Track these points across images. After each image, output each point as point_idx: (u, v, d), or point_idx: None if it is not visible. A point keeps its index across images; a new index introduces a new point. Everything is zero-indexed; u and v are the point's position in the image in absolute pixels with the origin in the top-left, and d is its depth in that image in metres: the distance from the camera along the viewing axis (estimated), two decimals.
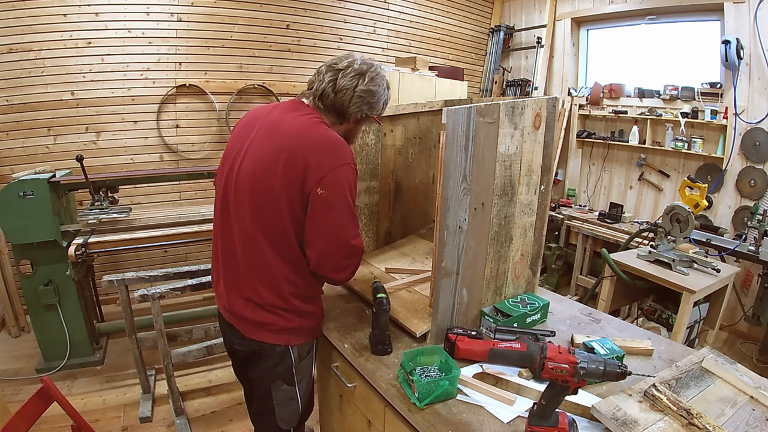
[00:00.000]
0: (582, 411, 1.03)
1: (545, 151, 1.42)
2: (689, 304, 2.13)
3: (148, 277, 2.30)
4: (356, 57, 1.24)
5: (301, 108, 1.25)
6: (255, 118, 1.28)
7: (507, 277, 1.46)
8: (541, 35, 4.56)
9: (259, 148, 1.20)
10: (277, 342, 1.27)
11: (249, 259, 1.22)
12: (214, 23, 3.54)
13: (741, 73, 3.21)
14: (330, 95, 1.21)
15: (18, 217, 2.38)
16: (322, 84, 1.21)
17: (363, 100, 1.23)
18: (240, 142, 1.26)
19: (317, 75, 1.24)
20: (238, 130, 1.31)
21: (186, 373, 2.66)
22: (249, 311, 1.25)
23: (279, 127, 1.21)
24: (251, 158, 1.20)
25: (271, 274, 1.21)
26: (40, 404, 1.30)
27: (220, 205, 1.29)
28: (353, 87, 1.20)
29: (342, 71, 1.21)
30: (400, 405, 1.08)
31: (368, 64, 1.24)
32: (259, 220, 1.19)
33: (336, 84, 1.20)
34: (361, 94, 1.21)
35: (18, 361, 2.76)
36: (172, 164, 3.59)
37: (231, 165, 1.25)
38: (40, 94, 3.09)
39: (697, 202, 2.31)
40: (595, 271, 3.81)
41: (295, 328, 1.28)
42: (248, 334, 1.28)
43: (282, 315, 1.25)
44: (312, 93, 1.25)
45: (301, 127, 1.19)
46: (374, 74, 1.23)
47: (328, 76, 1.21)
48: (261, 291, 1.23)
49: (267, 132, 1.21)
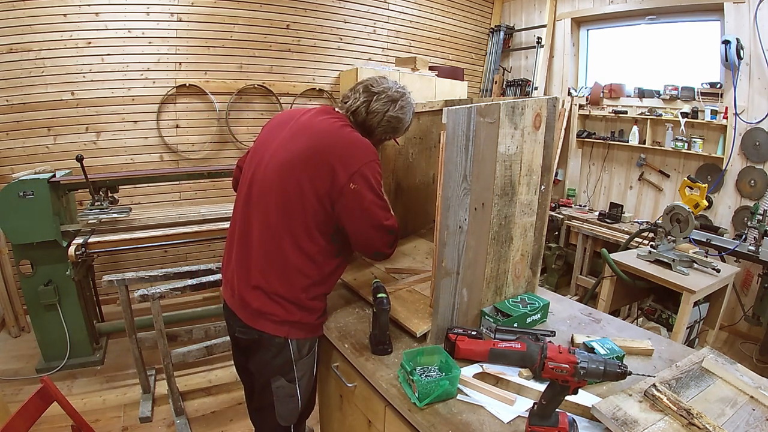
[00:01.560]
0: (582, 411, 1.03)
1: (545, 151, 1.42)
2: (689, 304, 2.13)
3: (148, 277, 2.30)
4: (391, 84, 1.37)
5: (332, 113, 1.36)
6: (287, 118, 1.38)
7: (507, 277, 1.46)
8: (541, 35, 4.56)
9: (290, 144, 1.28)
10: (277, 333, 1.29)
11: (266, 249, 1.27)
12: (214, 23, 3.54)
13: (741, 73, 3.21)
14: (362, 114, 1.34)
15: (18, 217, 2.38)
16: (356, 102, 1.34)
17: (390, 125, 1.36)
18: (271, 138, 1.35)
19: (353, 92, 1.36)
20: (269, 128, 1.42)
21: (186, 373, 2.66)
22: (254, 299, 1.28)
23: (310, 127, 1.30)
24: (282, 153, 1.28)
25: (285, 266, 1.26)
26: (40, 404, 1.30)
27: (244, 196, 1.35)
28: (384, 112, 1.33)
29: (377, 95, 1.33)
30: (401, 405, 1.08)
31: (401, 93, 1.36)
32: (283, 212, 1.25)
33: (369, 106, 1.33)
34: (389, 119, 1.34)
35: (18, 361, 2.76)
36: (172, 164, 3.59)
37: (260, 159, 1.33)
38: (40, 94, 3.09)
39: (697, 202, 2.31)
40: (595, 271, 3.81)
41: (296, 321, 1.30)
42: (249, 323, 1.30)
43: (285, 306, 1.28)
44: (346, 107, 1.36)
45: (331, 128, 1.29)
46: (404, 103, 1.37)
47: (363, 96, 1.34)
48: (271, 280, 1.27)
49: (298, 131, 1.31)
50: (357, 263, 1.73)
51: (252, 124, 3.82)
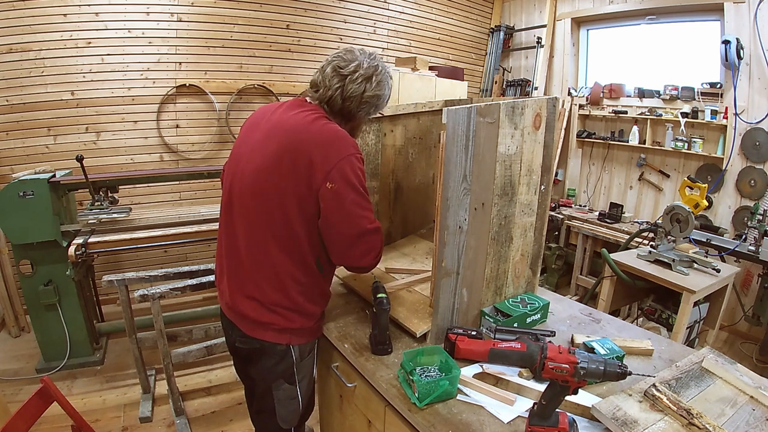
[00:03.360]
0: (582, 411, 1.03)
1: (545, 151, 1.42)
2: (689, 304, 2.13)
3: (148, 277, 2.30)
4: (360, 57, 1.22)
5: (303, 105, 1.25)
6: (260, 118, 1.30)
7: (507, 277, 1.46)
8: (541, 35, 4.56)
9: (263, 147, 1.20)
10: (279, 341, 1.27)
11: (254, 258, 1.22)
12: (214, 23, 3.54)
13: (741, 73, 3.21)
14: (338, 102, 1.22)
15: (18, 217, 2.38)
16: (329, 91, 1.21)
17: (370, 104, 1.25)
18: (246, 142, 1.28)
19: (323, 80, 1.23)
20: (244, 131, 1.33)
21: (186, 373, 2.66)
22: (251, 310, 1.25)
23: (280, 125, 1.21)
24: (256, 158, 1.21)
25: (277, 273, 1.21)
26: (40, 404, 1.30)
27: (225, 204, 1.31)
28: (361, 93, 1.21)
29: (349, 77, 1.20)
30: (401, 405, 1.08)
31: (374, 66, 1.23)
32: (266, 219, 1.19)
33: (344, 91, 1.21)
34: (368, 99, 1.23)
35: (18, 361, 2.76)
36: (172, 164, 3.59)
37: (236, 165, 1.27)
38: (40, 94, 3.09)
39: (697, 202, 2.31)
40: (595, 271, 3.81)
41: (298, 328, 1.28)
42: (250, 333, 1.28)
43: (285, 315, 1.25)
44: (318, 97, 1.24)
45: (302, 123, 1.18)
46: (381, 77, 1.24)
47: (335, 82, 1.21)
48: (266, 290, 1.23)
49: (269, 131, 1.22)
50: None
51: None
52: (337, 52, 1.25)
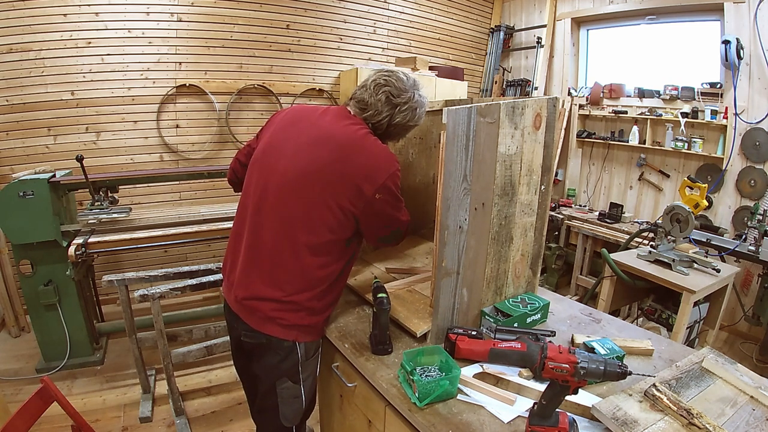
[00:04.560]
0: (582, 411, 1.03)
1: (545, 151, 1.42)
2: (689, 304, 2.13)
3: (148, 277, 2.30)
4: (410, 90, 1.32)
5: (350, 117, 1.32)
6: (302, 118, 1.34)
7: (507, 277, 1.46)
8: (541, 35, 4.56)
9: (312, 151, 1.25)
10: (286, 337, 1.28)
11: (281, 255, 1.25)
12: (214, 23, 3.54)
13: (741, 73, 3.21)
14: (383, 126, 1.32)
15: (18, 217, 2.38)
16: (379, 116, 1.30)
17: (406, 131, 1.40)
18: (284, 140, 1.31)
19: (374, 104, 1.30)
20: (280, 127, 1.36)
21: (186, 373, 2.66)
22: (266, 306, 1.26)
23: (332, 135, 1.27)
24: (303, 161, 1.25)
25: (303, 272, 1.25)
26: (40, 404, 1.30)
27: (257, 201, 1.30)
28: (406, 122, 1.33)
29: (399, 107, 1.31)
30: (401, 405, 1.08)
31: (421, 103, 1.35)
32: (304, 221, 1.23)
33: (392, 118, 1.31)
34: (407, 128, 1.38)
35: (18, 361, 2.76)
36: (172, 164, 3.58)
37: (275, 163, 1.29)
38: (40, 94, 3.08)
39: (697, 202, 2.31)
40: (595, 271, 3.81)
41: (306, 325, 1.30)
42: (257, 327, 1.28)
43: (297, 312, 1.26)
44: (366, 117, 1.32)
45: (354, 136, 1.26)
46: (423, 110, 1.37)
47: (386, 109, 1.30)
48: (286, 287, 1.25)
49: (320, 138, 1.27)
50: (357, 263, 1.73)
51: (252, 124, 3.82)
52: (386, 75, 1.33)
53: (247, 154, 1.46)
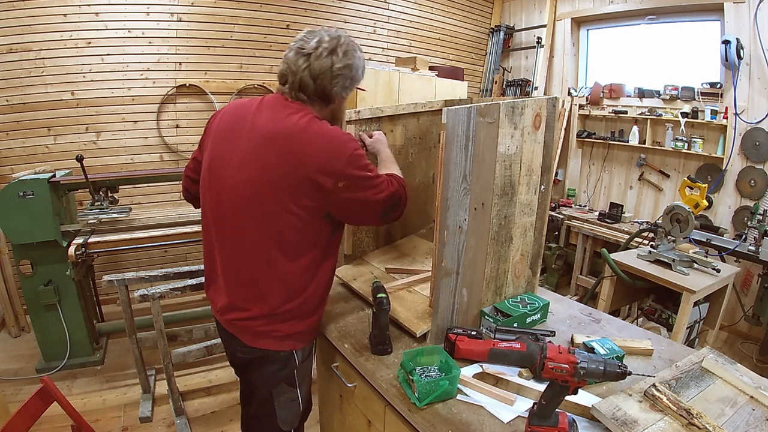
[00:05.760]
0: (582, 411, 1.03)
1: (545, 151, 1.42)
2: (689, 304, 2.13)
3: (148, 277, 2.30)
4: (320, 33, 1.17)
5: (288, 106, 1.18)
6: (239, 120, 1.21)
7: (507, 277, 1.46)
8: (541, 35, 4.56)
9: (257, 157, 1.14)
10: (282, 348, 1.26)
11: (260, 271, 1.20)
12: (214, 23, 3.54)
13: (741, 73, 3.21)
14: (310, 85, 1.16)
15: (18, 217, 2.38)
16: (297, 75, 1.16)
17: (344, 77, 1.18)
18: (229, 150, 1.20)
19: (288, 67, 1.17)
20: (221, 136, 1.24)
21: (186, 373, 2.66)
22: (254, 323, 1.23)
23: (274, 132, 1.14)
24: (250, 169, 1.15)
25: (283, 281, 1.20)
26: (40, 404, 1.30)
27: (215, 219, 1.26)
28: (330, 66, 1.15)
29: (312, 54, 1.14)
30: (400, 405, 1.08)
31: (336, 37, 1.17)
32: (267, 233, 1.16)
33: (311, 70, 1.15)
34: (339, 72, 1.16)
35: (18, 361, 2.76)
36: (172, 164, 3.58)
37: (223, 176, 1.20)
38: (40, 94, 3.09)
39: (697, 202, 2.31)
40: (595, 271, 3.81)
41: (300, 332, 1.27)
42: (250, 343, 1.26)
43: (288, 322, 1.24)
44: (290, 87, 1.18)
45: (297, 129, 1.13)
46: (346, 47, 1.18)
47: (301, 63, 1.15)
48: (270, 300, 1.21)
49: (262, 140, 1.15)
50: (356, 263, 1.73)
51: None
52: (296, 37, 1.20)
53: (194, 168, 1.38)
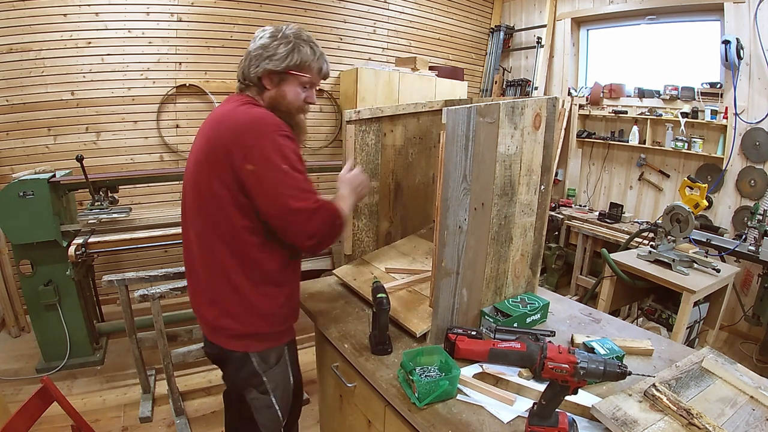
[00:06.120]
0: (582, 411, 1.03)
1: (545, 151, 1.42)
2: (689, 304, 2.13)
3: (148, 277, 2.30)
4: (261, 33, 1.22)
5: (233, 98, 1.24)
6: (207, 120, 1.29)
7: (507, 277, 1.46)
8: (541, 35, 4.56)
9: (195, 145, 1.23)
10: (235, 348, 1.24)
11: (208, 262, 1.22)
12: (214, 23, 3.54)
13: (741, 73, 3.21)
14: (250, 72, 1.21)
15: (18, 217, 2.38)
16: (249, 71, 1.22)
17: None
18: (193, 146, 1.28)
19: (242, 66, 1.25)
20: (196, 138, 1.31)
21: (186, 373, 2.66)
22: (209, 314, 1.25)
23: (210, 120, 1.24)
24: (191, 158, 1.24)
25: (228, 275, 1.19)
26: (40, 404, 1.30)
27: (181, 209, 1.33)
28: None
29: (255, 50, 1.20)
30: (400, 405, 1.08)
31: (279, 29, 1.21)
32: (205, 217, 1.20)
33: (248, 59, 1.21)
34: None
35: (18, 361, 2.76)
36: (172, 164, 3.59)
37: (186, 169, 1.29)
38: (40, 94, 3.09)
39: (697, 202, 2.31)
40: (595, 271, 3.81)
41: (253, 333, 1.24)
42: (210, 338, 1.28)
43: (239, 319, 1.22)
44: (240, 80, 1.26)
45: (224, 110, 1.20)
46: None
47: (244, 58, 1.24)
48: (218, 292, 1.22)
49: (201, 129, 1.25)
50: (356, 263, 1.73)
51: None
52: None
53: None
